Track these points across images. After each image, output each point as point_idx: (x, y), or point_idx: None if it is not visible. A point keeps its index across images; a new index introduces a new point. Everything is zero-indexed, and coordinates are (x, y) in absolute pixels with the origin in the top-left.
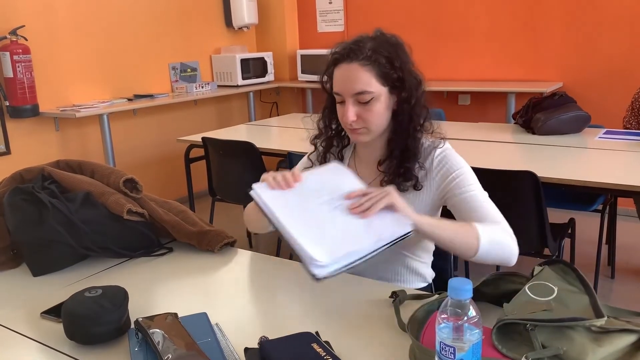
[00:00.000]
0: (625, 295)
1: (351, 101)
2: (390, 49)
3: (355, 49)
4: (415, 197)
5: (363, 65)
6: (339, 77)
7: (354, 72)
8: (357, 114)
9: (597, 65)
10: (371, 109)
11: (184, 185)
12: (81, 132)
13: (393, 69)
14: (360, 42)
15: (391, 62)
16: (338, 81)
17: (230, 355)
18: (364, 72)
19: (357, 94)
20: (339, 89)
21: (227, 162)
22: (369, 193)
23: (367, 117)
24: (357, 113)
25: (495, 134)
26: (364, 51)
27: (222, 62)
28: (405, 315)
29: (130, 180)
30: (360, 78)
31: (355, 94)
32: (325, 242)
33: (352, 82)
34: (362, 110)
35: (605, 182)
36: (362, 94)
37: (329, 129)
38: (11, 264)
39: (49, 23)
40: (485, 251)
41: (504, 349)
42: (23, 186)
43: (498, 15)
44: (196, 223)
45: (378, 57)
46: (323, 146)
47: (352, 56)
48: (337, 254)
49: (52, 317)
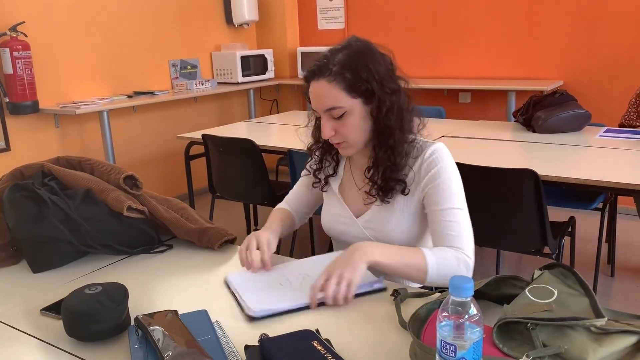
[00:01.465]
0: (625, 293)
1: (325, 117)
2: (357, 60)
3: (321, 65)
4: (403, 201)
5: (329, 82)
6: (311, 94)
7: (322, 90)
8: (334, 129)
9: (598, 64)
10: (345, 123)
11: (184, 182)
12: (81, 129)
13: (360, 81)
14: (327, 57)
15: (358, 74)
16: (312, 99)
17: (230, 353)
18: (331, 88)
19: (328, 110)
20: (314, 106)
21: (227, 160)
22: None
23: (344, 132)
24: (333, 128)
25: (495, 132)
26: (330, 67)
27: (223, 59)
28: (406, 313)
29: (131, 177)
30: (328, 94)
31: (326, 110)
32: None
33: (322, 99)
34: (338, 125)
35: (606, 181)
36: (333, 109)
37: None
38: (11, 261)
39: (49, 19)
40: (434, 282)
41: (505, 347)
42: (23, 183)
43: (499, 13)
44: (196, 220)
45: (344, 71)
46: (318, 154)
47: (319, 73)
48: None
49: (52, 313)
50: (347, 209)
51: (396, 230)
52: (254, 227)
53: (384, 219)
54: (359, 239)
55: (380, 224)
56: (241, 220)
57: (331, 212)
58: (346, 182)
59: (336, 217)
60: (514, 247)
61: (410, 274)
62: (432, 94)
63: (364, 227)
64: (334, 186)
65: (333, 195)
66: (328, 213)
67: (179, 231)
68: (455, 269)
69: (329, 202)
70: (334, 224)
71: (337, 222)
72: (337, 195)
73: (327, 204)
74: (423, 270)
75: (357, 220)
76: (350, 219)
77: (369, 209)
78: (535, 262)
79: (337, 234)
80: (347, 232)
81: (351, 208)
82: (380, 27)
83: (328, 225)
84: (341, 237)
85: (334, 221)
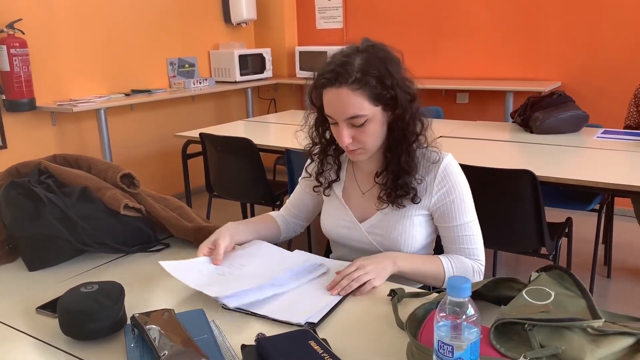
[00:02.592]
0: (622, 294)
1: (344, 125)
2: (380, 65)
3: (342, 72)
4: (411, 209)
5: (353, 90)
6: (329, 101)
7: (344, 98)
8: (352, 136)
9: (596, 65)
10: (365, 130)
11: (181, 181)
12: (78, 127)
13: (385, 88)
14: (348, 63)
15: (382, 82)
16: (329, 105)
17: (227, 353)
18: (354, 97)
19: (350, 118)
20: (331, 112)
21: (225, 159)
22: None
23: (363, 139)
24: (351, 135)
25: (493, 133)
26: (353, 73)
27: (220, 58)
28: (404, 313)
29: (128, 175)
30: (351, 103)
31: (347, 118)
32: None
33: (344, 107)
34: (357, 132)
35: (603, 182)
36: (355, 118)
37: (323, 140)
38: (7, 259)
39: (46, 17)
40: None
41: (503, 348)
42: (19, 180)
43: (497, 14)
44: (193, 219)
45: (368, 79)
46: (319, 157)
47: (341, 80)
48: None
49: (48, 312)
50: (350, 213)
51: (402, 237)
52: None
53: (390, 225)
54: (362, 244)
55: (386, 229)
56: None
57: (333, 217)
58: (349, 186)
59: (338, 222)
60: (512, 247)
61: (428, 281)
62: (430, 95)
63: (368, 232)
64: (337, 190)
65: (335, 199)
66: (329, 217)
67: (176, 230)
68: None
69: (330, 206)
70: (336, 228)
71: (339, 227)
72: (341, 199)
73: (329, 208)
74: (440, 279)
75: (360, 225)
76: (354, 223)
77: (374, 215)
78: (533, 262)
79: (339, 238)
80: (349, 236)
81: (354, 213)
82: (379, 27)
83: (329, 229)
84: (342, 242)
85: (336, 225)
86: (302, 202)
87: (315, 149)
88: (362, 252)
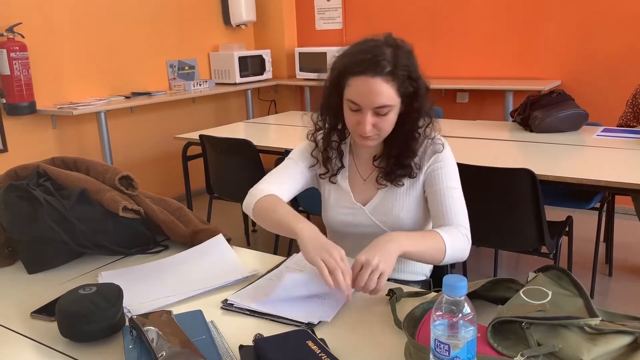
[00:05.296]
0: (623, 293)
1: (370, 113)
2: (407, 61)
3: (375, 62)
4: (408, 184)
5: (387, 81)
6: (359, 88)
7: (377, 87)
8: (373, 124)
9: (595, 63)
10: (386, 119)
11: (181, 183)
12: (78, 130)
13: (411, 82)
14: (382, 54)
15: (410, 76)
16: (358, 92)
17: (225, 353)
18: (387, 88)
19: (378, 107)
20: (358, 99)
21: (225, 160)
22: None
23: (382, 126)
24: (372, 122)
25: (493, 132)
26: (386, 65)
27: (220, 60)
28: (402, 313)
29: (126, 177)
30: (383, 93)
31: (376, 107)
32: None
33: (375, 96)
34: (379, 120)
35: (603, 180)
36: (383, 107)
37: (330, 125)
38: (6, 262)
39: (46, 20)
40: (448, 259)
41: (500, 346)
42: (17, 183)
43: (496, 13)
44: (191, 221)
45: (399, 72)
46: (324, 143)
47: (374, 69)
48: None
49: (43, 316)
50: (352, 198)
51: (403, 213)
52: (252, 228)
53: (391, 204)
54: (366, 227)
55: (388, 208)
56: (239, 221)
57: (336, 205)
58: (352, 174)
59: (342, 209)
60: (512, 247)
61: (432, 255)
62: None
63: (371, 213)
64: (342, 178)
65: (337, 187)
66: (332, 206)
67: (173, 234)
68: (464, 245)
69: (332, 195)
70: (340, 215)
71: (343, 214)
72: (347, 187)
73: (330, 196)
74: (442, 250)
75: (364, 208)
76: (358, 208)
77: (375, 196)
78: (533, 261)
79: (343, 226)
80: (353, 221)
81: (357, 198)
82: (378, 27)
83: (333, 217)
84: (346, 229)
85: (340, 213)
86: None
87: (319, 135)
88: (365, 238)
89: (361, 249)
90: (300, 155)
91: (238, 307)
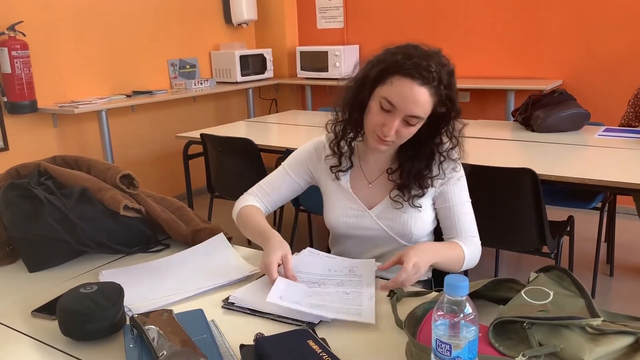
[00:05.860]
0: (624, 293)
1: (399, 118)
2: (451, 80)
3: (428, 71)
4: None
5: (431, 95)
6: (401, 90)
7: (420, 96)
8: (397, 129)
9: (597, 63)
10: (411, 129)
11: (182, 182)
12: (79, 129)
13: (449, 102)
14: (433, 65)
15: (449, 97)
16: (398, 94)
17: (226, 352)
18: (428, 101)
19: (410, 116)
20: (396, 101)
21: (226, 159)
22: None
23: (404, 135)
24: (397, 128)
25: (494, 132)
26: (435, 77)
27: (221, 59)
28: (403, 312)
29: (127, 176)
30: (423, 104)
31: (410, 115)
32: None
33: (414, 104)
34: (403, 128)
35: (605, 180)
36: (416, 117)
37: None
38: (8, 260)
39: (47, 19)
40: (463, 268)
41: (501, 346)
42: (18, 182)
43: (498, 12)
44: (192, 220)
45: (441, 88)
46: (341, 133)
47: (424, 79)
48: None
49: (44, 314)
50: (358, 201)
51: (412, 219)
52: None
53: (400, 210)
54: (371, 231)
55: (397, 213)
56: None
57: (339, 207)
58: (356, 176)
59: (345, 211)
60: (513, 246)
61: (452, 266)
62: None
63: (378, 217)
64: (344, 180)
65: (340, 189)
66: (335, 208)
67: (173, 233)
68: (477, 255)
69: (334, 197)
70: (344, 217)
71: (346, 216)
72: (348, 188)
73: (333, 198)
74: (461, 261)
75: (370, 212)
76: (363, 210)
77: (383, 200)
78: (534, 261)
79: (346, 228)
80: (357, 224)
81: (362, 201)
82: (379, 26)
83: (336, 219)
84: (349, 232)
85: (343, 215)
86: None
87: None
88: (369, 241)
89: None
90: (292, 165)
91: (239, 306)
